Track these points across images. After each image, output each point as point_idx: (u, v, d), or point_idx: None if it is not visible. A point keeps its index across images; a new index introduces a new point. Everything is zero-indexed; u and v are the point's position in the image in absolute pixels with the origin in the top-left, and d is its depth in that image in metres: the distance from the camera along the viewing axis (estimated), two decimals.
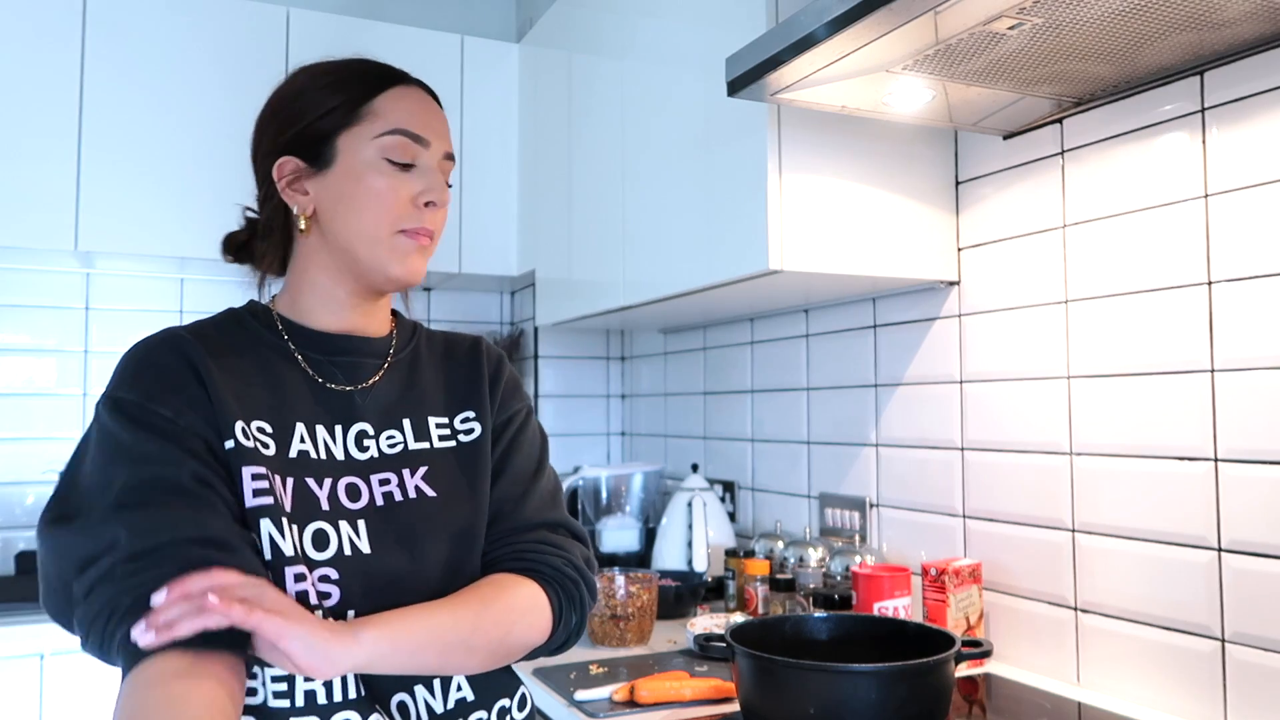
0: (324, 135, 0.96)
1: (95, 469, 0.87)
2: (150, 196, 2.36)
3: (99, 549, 0.82)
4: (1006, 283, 1.61)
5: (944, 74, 1.27)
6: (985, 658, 1.32)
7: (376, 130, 0.95)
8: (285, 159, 0.97)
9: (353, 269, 0.98)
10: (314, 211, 0.97)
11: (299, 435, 0.94)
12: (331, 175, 0.96)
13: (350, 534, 0.92)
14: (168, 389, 0.90)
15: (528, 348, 2.94)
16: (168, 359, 0.93)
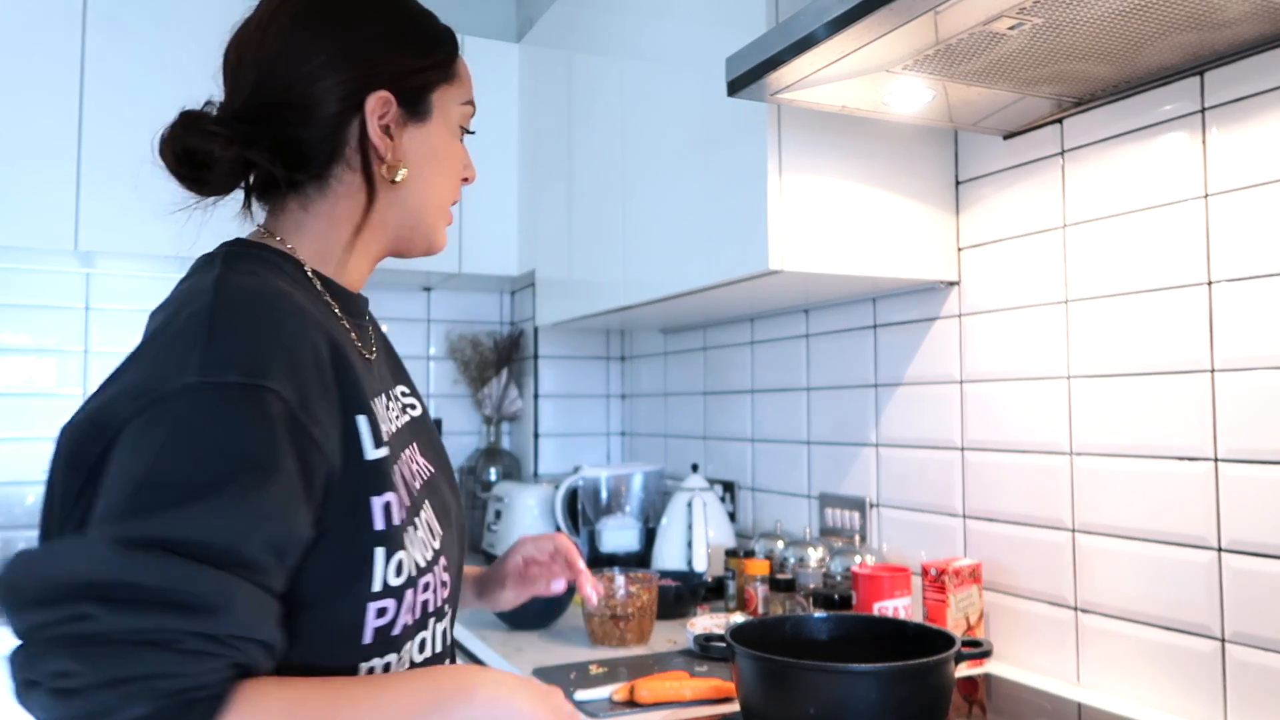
0: (429, 84, 0.87)
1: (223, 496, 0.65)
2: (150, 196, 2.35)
3: (173, 598, 0.61)
4: (1006, 283, 1.61)
5: (944, 74, 1.27)
6: (985, 658, 1.32)
7: (462, 96, 0.90)
8: (383, 95, 0.83)
9: (405, 230, 0.88)
10: (402, 157, 0.85)
11: (381, 415, 0.82)
12: (426, 129, 0.87)
13: (430, 517, 0.85)
14: (319, 392, 0.72)
15: (528, 348, 2.94)
16: (316, 341, 0.74)
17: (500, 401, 2.89)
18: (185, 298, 0.75)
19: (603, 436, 2.98)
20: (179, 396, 0.66)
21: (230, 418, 0.66)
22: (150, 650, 0.59)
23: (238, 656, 0.63)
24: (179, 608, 0.60)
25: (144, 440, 0.66)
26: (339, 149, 0.84)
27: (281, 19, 0.85)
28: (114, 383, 0.72)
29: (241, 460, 0.66)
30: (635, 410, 2.92)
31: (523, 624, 1.87)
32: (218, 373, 0.67)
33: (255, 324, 0.71)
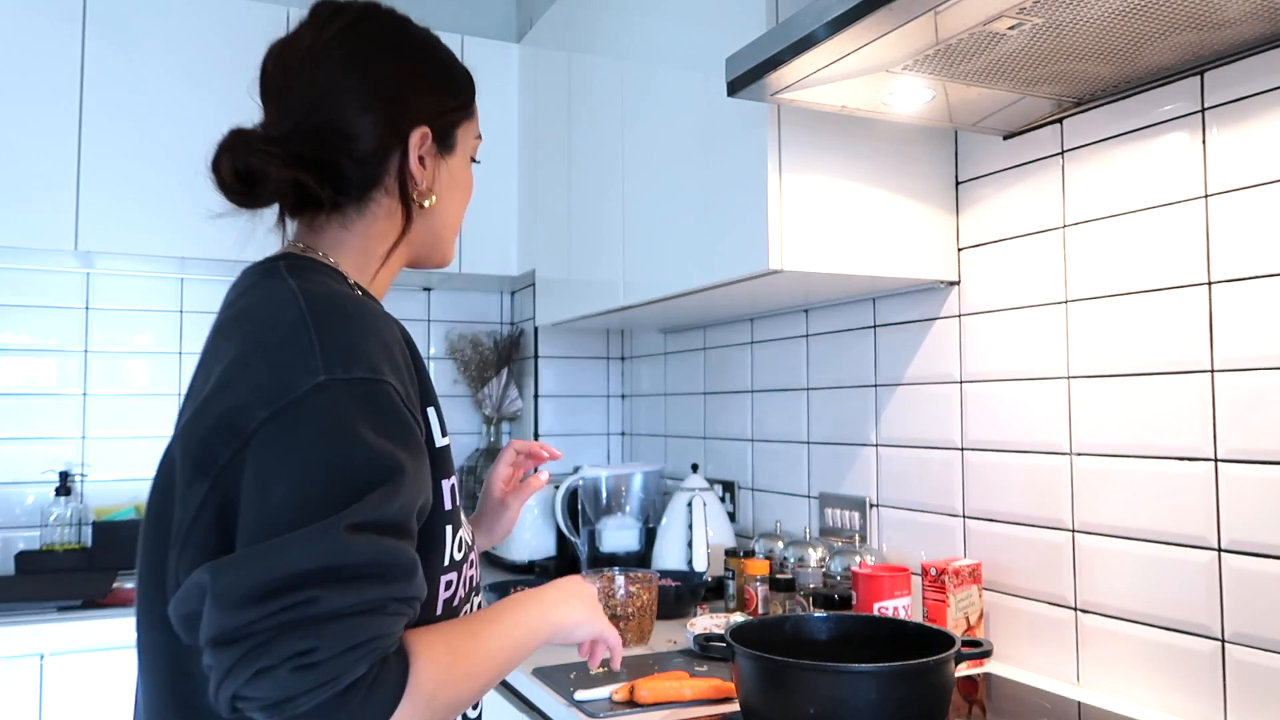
0: (455, 122, 0.97)
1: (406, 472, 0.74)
2: (150, 196, 2.36)
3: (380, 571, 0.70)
4: (1006, 283, 1.61)
5: (944, 74, 1.27)
6: (985, 658, 1.32)
7: (475, 130, 1.01)
8: (424, 131, 0.92)
9: (425, 250, 0.98)
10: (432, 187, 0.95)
11: (441, 413, 0.91)
12: (450, 161, 0.97)
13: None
14: (408, 383, 0.80)
15: (528, 348, 2.94)
16: (400, 343, 0.82)
17: (500, 401, 2.89)
18: (270, 305, 0.80)
19: (603, 436, 2.98)
20: (314, 395, 0.73)
21: (370, 409, 0.74)
22: (368, 618, 0.69)
23: (412, 613, 0.74)
24: (383, 579, 0.70)
25: (298, 438, 0.72)
26: (380, 176, 0.91)
27: (334, 53, 0.91)
28: (228, 388, 0.76)
29: (395, 445, 0.74)
30: (635, 410, 2.92)
31: None
32: (341, 370, 0.74)
33: (352, 325, 0.78)
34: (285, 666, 0.66)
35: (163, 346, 2.68)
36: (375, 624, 0.69)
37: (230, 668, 0.66)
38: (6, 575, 2.37)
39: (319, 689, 0.66)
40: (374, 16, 0.95)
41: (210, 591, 0.67)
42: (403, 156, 0.91)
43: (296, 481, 0.70)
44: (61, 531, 2.45)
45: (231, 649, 0.66)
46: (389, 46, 0.93)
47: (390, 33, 0.94)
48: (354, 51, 0.91)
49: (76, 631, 1.95)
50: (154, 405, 2.66)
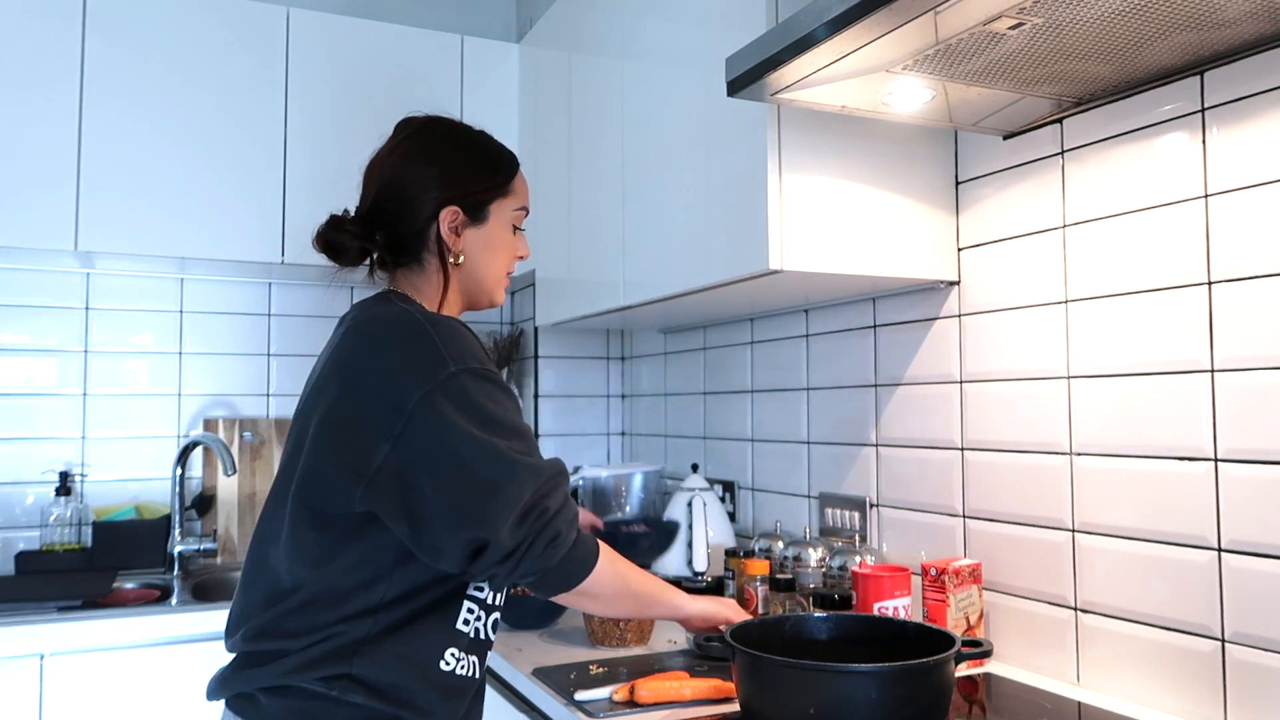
0: (487, 200, 1.28)
1: (510, 417, 1.13)
2: (150, 196, 2.36)
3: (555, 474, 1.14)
4: (1006, 283, 1.61)
5: (944, 74, 1.27)
6: (985, 658, 1.32)
7: (515, 205, 1.32)
8: (453, 209, 1.25)
9: (472, 294, 1.31)
10: (461, 249, 1.26)
11: None
12: (484, 230, 1.28)
13: None
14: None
15: (528, 348, 2.94)
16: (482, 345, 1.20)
17: None
18: (388, 321, 1.16)
19: (603, 436, 2.98)
20: (456, 378, 1.10)
21: (490, 387, 1.13)
22: (567, 503, 1.15)
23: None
24: (556, 477, 1.14)
25: (457, 410, 1.09)
26: (426, 242, 1.26)
27: (398, 154, 1.27)
28: (387, 378, 1.11)
29: (508, 408, 1.14)
30: (635, 410, 2.92)
31: (523, 624, 1.87)
32: (463, 362, 1.11)
33: (459, 333, 1.15)
34: (543, 548, 1.11)
35: (163, 346, 2.68)
36: (570, 505, 1.15)
37: (506, 568, 1.09)
38: (6, 575, 2.37)
39: (557, 545, 1.12)
40: (425, 128, 1.29)
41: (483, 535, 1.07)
42: (439, 227, 1.25)
43: (461, 439, 1.07)
44: (61, 531, 2.45)
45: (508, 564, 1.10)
46: (432, 148, 1.27)
47: (435, 138, 1.28)
48: (404, 156, 1.26)
49: (76, 631, 1.95)
50: (154, 405, 2.66)
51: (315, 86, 2.54)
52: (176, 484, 2.48)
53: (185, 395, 2.69)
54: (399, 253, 1.26)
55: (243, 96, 2.47)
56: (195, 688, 2.02)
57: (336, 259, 1.24)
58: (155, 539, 2.48)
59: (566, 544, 1.12)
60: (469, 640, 1.19)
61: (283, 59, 2.51)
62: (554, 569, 1.12)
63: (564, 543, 1.12)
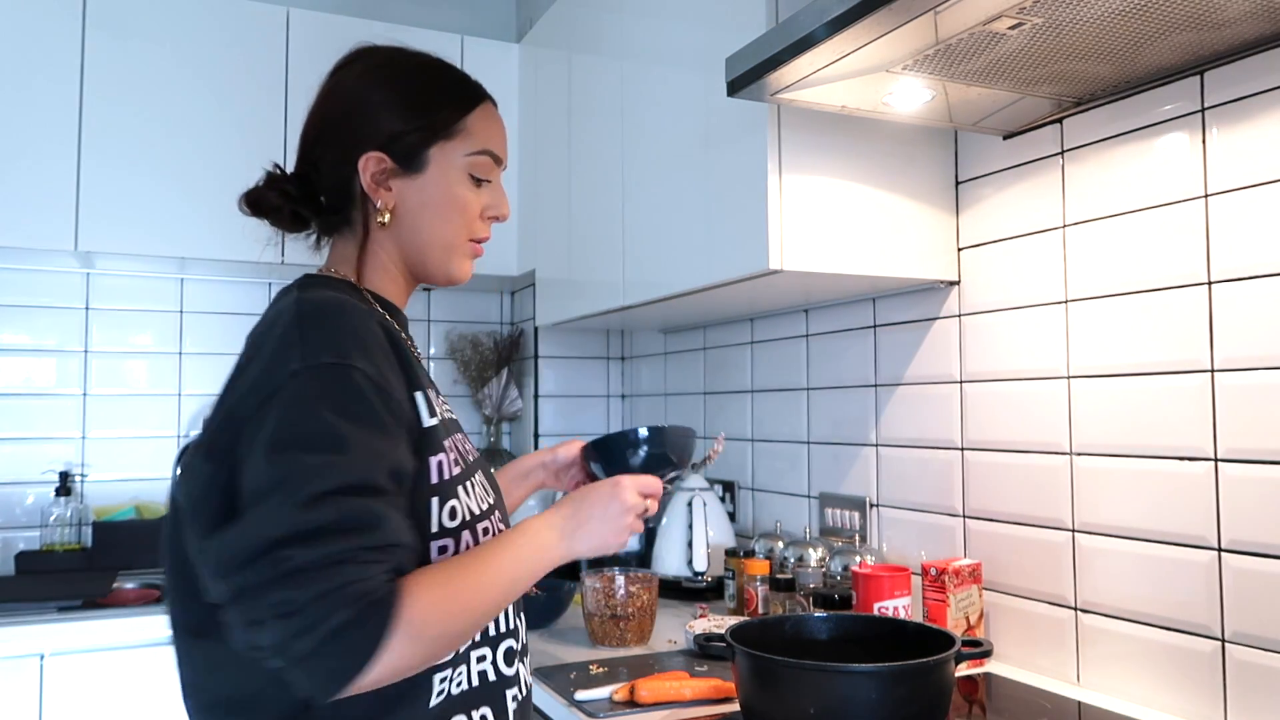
0: (421, 142, 1.02)
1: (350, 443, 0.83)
2: (150, 196, 2.36)
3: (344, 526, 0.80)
4: (1006, 283, 1.61)
5: (944, 74, 1.27)
6: (985, 658, 1.32)
7: (468, 149, 1.04)
8: (374, 154, 1.00)
9: (415, 264, 1.06)
10: (394, 207, 1.02)
11: (432, 398, 0.98)
12: (420, 181, 1.02)
13: (484, 482, 1.04)
14: (389, 367, 0.91)
15: (528, 348, 2.94)
16: (377, 333, 0.92)
17: (500, 402, 2.89)
18: (275, 315, 0.92)
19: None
20: (290, 381, 0.84)
21: (333, 388, 0.85)
22: (337, 568, 0.78)
23: (393, 560, 0.83)
24: (349, 532, 0.80)
25: (268, 419, 0.83)
26: (351, 199, 1.03)
27: (320, 93, 1.06)
28: (236, 386, 0.89)
29: (351, 417, 0.84)
30: (635, 410, 2.91)
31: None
32: (314, 357, 0.85)
33: (331, 321, 0.89)
34: (271, 616, 0.77)
35: (163, 346, 2.67)
36: (345, 572, 0.78)
37: (234, 623, 0.79)
38: (6, 575, 2.37)
39: (308, 633, 0.77)
40: (355, 60, 1.06)
41: (204, 565, 0.81)
42: (354, 180, 1.01)
43: (265, 458, 0.81)
44: (61, 531, 2.45)
45: (232, 609, 0.79)
46: (350, 86, 1.04)
47: (360, 72, 1.05)
48: (322, 96, 1.06)
49: (76, 631, 1.95)
50: (154, 405, 2.66)
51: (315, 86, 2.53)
52: None
53: (185, 395, 2.69)
54: (327, 212, 1.04)
55: (243, 96, 2.47)
56: None
57: (268, 219, 1.04)
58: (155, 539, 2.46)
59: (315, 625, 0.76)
60: (468, 694, 0.95)
61: (283, 58, 2.51)
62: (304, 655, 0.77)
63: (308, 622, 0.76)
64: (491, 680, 0.97)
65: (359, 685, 0.79)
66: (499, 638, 0.99)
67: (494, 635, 0.99)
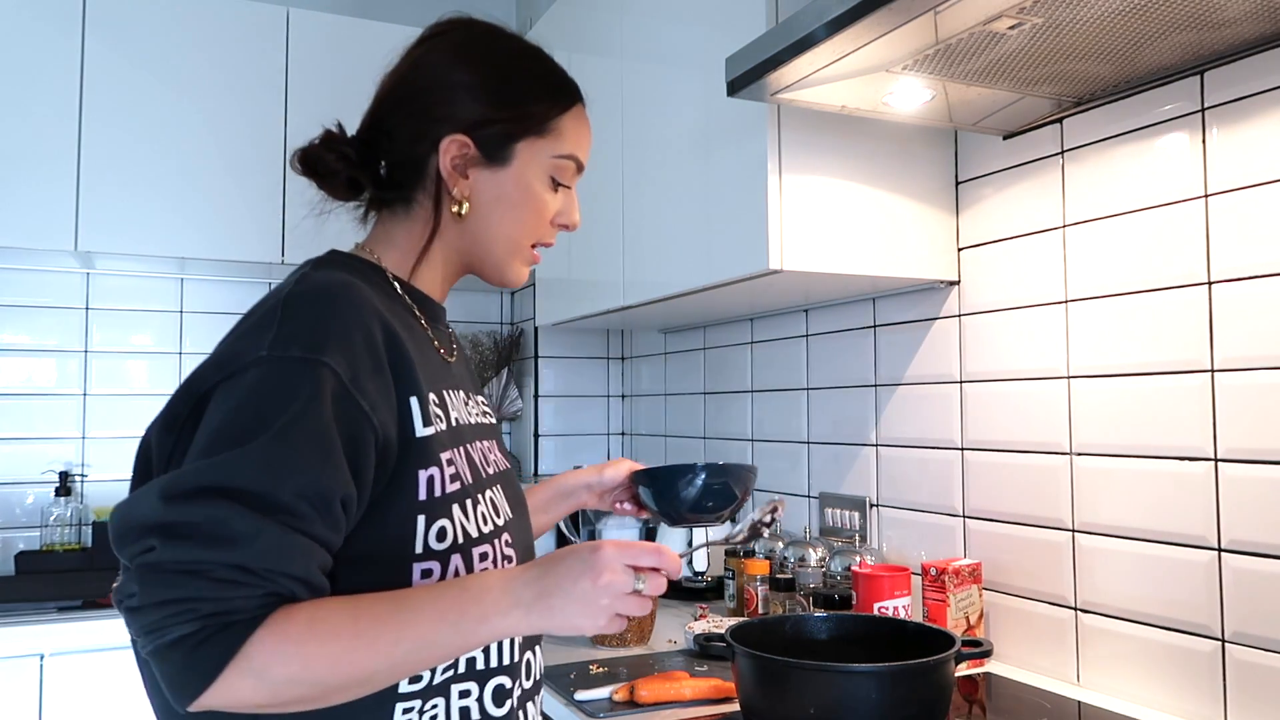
0: (512, 134, 0.95)
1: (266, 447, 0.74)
2: (150, 197, 2.36)
3: (212, 533, 0.71)
4: (1006, 283, 1.60)
5: (944, 74, 1.27)
6: (985, 658, 1.32)
7: (556, 150, 0.98)
8: (460, 138, 0.93)
9: (473, 259, 0.99)
10: (468, 196, 0.95)
11: (449, 401, 0.92)
12: (502, 174, 0.96)
13: (498, 499, 0.94)
14: (370, 369, 0.81)
15: (528, 348, 2.94)
16: (371, 327, 0.83)
17: (500, 402, 2.89)
18: (275, 291, 0.85)
19: (603, 436, 2.97)
20: (251, 367, 0.77)
21: (286, 385, 0.76)
22: (190, 578, 0.70)
23: (271, 587, 0.72)
24: (213, 542, 0.71)
25: (219, 403, 0.77)
26: (421, 178, 0.95)
27: (409, 58, 0.98)
28: (205, 359, 0.82)
29: (285, 420, 0.75)
30: (635, 410, 2.92)
31: None
32: (282, 348, 0.78)
33: (318, 309, 0.81)
34: (122, 603, 0.72)
35: (163, 346, 2.68)
36: (194, 585, 0.70)
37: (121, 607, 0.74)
38: (6, 575, 2.37)
39: (147, 635, 0.71)
40: (450, 31, 0.99)
41: (110, 526, 0.75)
42: (438, 161, 0.94)
43: (197, 440, 0.76)
44: (61, 531, 2.45)
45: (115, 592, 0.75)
46: (442, 57, 0.96)
47: (455, 44, 0.97)
48: (408, 63, 0.97)
49: (76, 631, 1.95)
50: (154, 405, 2.66)
51: (315, 86, 2.54)
52: None
53: None
54: (386, 186, 0.96)
55: (243, 96, 2.47)
56: None
57: (320, 184, 0.95)
58: None
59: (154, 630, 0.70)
60: None
61: (283, 58, 2.51)
62: (149, 655, 0.71)
63: (146, 624, 0.70)
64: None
65: (203, 705, 0.71)
66: (488, 673, 0.87)
67: (481, 669, 0.87)
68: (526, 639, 0.94)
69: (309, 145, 0.94)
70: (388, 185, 0.96)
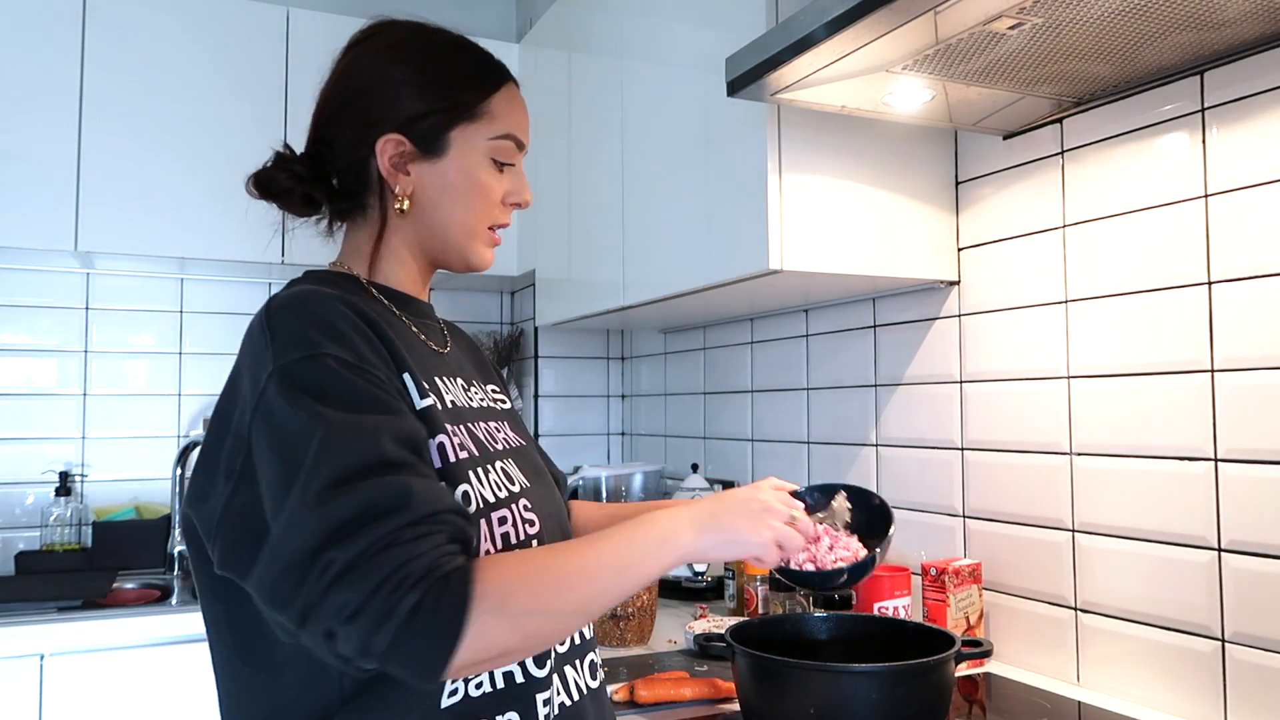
0: (443, 125, 0.97)
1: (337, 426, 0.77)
2: (150, 197, 2.36)
3: (373, 512, 0.74)
4: (1006, 283, 1.61)
5: (944, 74, 1.27)
6: (985, 658, 1.32)
7: (492, 132, 0.99)
8: (393, 137, 0.96)
9: (434, 251, 1.01)
10: (412, 192, 0.97)
11: (442, 387, 0.95)
12: (441, 165, 0.98)
13: (510, 469, 0.97)
14: (370, 350, 0.86)
15: (528, 348, 2.94)
16: (352, 318, 0.87)
17: None
18: (254, 321, 0.88)
19: (603, 436, 2.97)
20: (269, 386, 0.80)
21: (310, 380, 0.80)
22: (383, 554, 0.72)
23: (444, 529, 0.77)
24: (377, 518, 0.73)
25: (261, 433, 0.80)
26: (368, 183, 0.98)
27: (336, 70, 1.02)
28: (235, 401, 0.85)
29: (334, 403, 0.79)
30: (635, 410, 2.92)
31: None
32: (284, 356, 0.81)
33: (296, 314, 0.85)
34: (338, 624, 0.72)
35: (163, 346, 2.67)
36: (393, 555, 0.73)
37: (312, 644, 0.75)
38: (6, 575, 2.37)
39: (380, 627, 0.71)
40: (374, 35, 1.01)
41: (261, 598, 0.76)
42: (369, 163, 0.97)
43: (265, 472, 0.79)
44: (61, 531, 2.45)
45: (303, 633, 0.74)
46: (368, 62, 0.99)
47: (379, 48, 1.00)
48: (338, 72, 1.01)
49: (76, 631, 1.95)
50: (154, 405, 2.66)
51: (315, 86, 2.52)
52: (176, 484, 2.47)
53: (185, 395, 2.69)
54: (340, 197, 1.00)
55: (243, 96, 2.47)
56: (195, 688, 2.02)
57: (278, 203, 0.99)
58: (155, 539, 2.48)
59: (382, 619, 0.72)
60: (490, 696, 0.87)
61: (283, 58, 2.51)
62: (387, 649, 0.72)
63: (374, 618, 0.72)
64: (519, 682, 0.88)
65: (458, 667, 0.74)
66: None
67: None
68: None
69: (261, 168, 0.98)
70: (341, 196, 0.99)
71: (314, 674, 0.82)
